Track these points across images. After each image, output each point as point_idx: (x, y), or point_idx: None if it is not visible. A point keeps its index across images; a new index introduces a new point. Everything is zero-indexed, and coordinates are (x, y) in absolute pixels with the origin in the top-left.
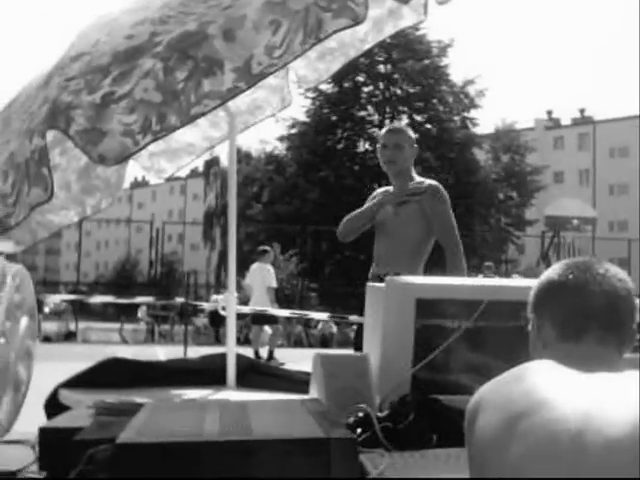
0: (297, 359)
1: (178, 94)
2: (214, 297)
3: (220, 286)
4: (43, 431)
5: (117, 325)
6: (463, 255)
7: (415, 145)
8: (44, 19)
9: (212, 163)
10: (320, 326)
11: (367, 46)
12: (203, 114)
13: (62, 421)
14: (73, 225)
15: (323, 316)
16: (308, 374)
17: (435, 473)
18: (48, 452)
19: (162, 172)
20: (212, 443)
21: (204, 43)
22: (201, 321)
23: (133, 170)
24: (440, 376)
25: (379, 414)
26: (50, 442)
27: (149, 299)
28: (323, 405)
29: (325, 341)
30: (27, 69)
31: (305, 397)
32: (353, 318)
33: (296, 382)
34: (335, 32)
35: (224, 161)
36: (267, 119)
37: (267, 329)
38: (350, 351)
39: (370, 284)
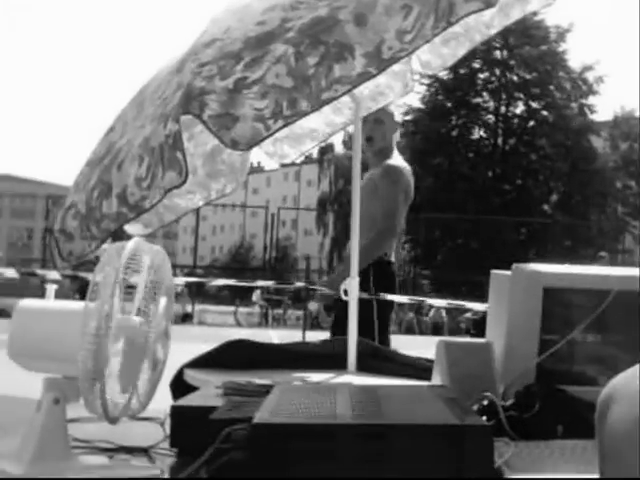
0: (409, 346)
1: (309, 79)
2: None
3: (332, 271)
4: (176, 409)
5: (232, 308)
6: (381, 244)
7: (398, 123)
8: (176, 6)
9: (326, 150)
10: (432, 313)
11: (493, 31)
12: (333, 99)
13: (193, 400)
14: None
15: (441, 303)
16: (429, 360)
17: (561, 464)
18: (180, 430)
19: (285, 157)
20: (347, 426)
21: (335, 28)
22: (313, 305)
23: (251, 155)
24: (565, 367)
25: (503, 403)
26: (182, 420)
27: (269, 283)
28: (451, 392)
29: (436, 328)
30: (158, 56)
31: (429, 383)
32: (471, 306)
33: (417, 368)
34: (467, 15)
35: (338, 147)
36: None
37: None
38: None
39: (495, 271)
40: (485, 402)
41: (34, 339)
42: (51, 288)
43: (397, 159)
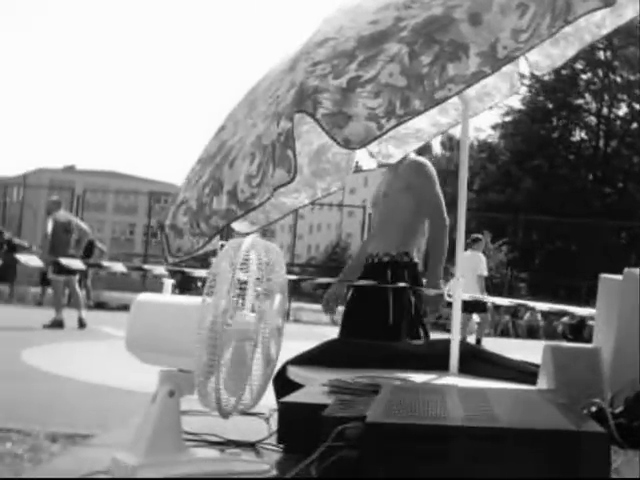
0: (504, 349)
1: (422, 78)
2: None
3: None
4: (284, 405)
5: None
6: (447, 232)
7: None
8: (287, 7)
9: (424, 150)
10: (527, 317)
11: (604, 31)
12: (447, 98)
13: (300, 397)
14: None
15: (543, 306)
16: (532, 364)
17: None
18: (288, 426)
19: (389, 157)
20: (461, 428)
21: (450, 27)
22: None
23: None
24: None
25: (612, 410)
26: (291, 416)
27: (367, 282)
28: (562, 397)
29: (532, 332)
30: (267, 57)
31: (537, 387)
32: (573, 310)
33: (521, 372)
34: (585, 14)
35: (436, 148)
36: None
37: (475, 317)
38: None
39: (604, 276)
40: (594, 408)
41: (152, 332)
42: (168, 283)
43: (415, 155)
